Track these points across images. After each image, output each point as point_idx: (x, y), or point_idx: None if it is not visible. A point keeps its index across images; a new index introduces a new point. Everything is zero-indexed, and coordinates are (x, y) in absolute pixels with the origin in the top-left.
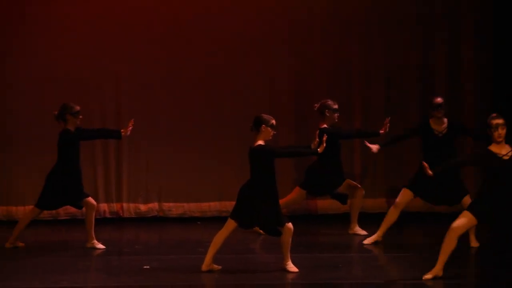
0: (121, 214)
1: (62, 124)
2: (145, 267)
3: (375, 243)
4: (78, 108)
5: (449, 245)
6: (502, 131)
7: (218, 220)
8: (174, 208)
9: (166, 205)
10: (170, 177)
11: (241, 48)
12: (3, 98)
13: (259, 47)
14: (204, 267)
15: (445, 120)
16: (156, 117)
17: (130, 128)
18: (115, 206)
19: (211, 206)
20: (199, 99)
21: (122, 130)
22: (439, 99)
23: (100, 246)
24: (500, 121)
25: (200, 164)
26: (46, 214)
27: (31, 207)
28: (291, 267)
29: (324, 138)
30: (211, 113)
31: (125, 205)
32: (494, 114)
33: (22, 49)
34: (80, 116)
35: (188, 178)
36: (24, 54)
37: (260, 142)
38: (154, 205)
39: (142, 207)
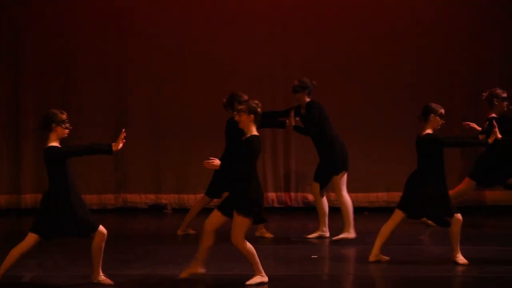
0: (289, 204)
1: (230, 112)
2: (313, 256)
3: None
4: (246, 97)
5: None
6: None
7: (385, 211)
8: None
9: (333, 195)
10: None
11: (414, 41)
12: (177, 91)
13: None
14: (371, 258)
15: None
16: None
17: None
18: (283, 195)
19: (379, 197)
20: (365, 90)
21: (286, 120)
22: None
23: (269, 235)
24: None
25: (368, 154)
26: (216, 202)
27: (201, 195)
28: (461, 259)
29: (496, 129)
30: (377, 103)
31: (293, 194)
32: None
33: (186, 46)
34: None
35: (356, 168)
36: (190, 53)
37: (428, 131)
38: None
39: (310, 197)
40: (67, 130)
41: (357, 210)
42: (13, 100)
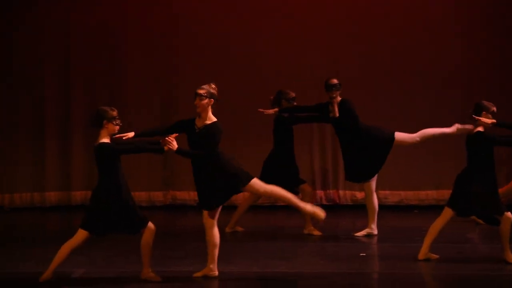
0: (338, 201)
1: (277, 109)
2: (361, 254)
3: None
4: (293, 94)
5: None
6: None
7: (435, 209)
8: (390, 196)
9: (382, 193)
10: (387, 165)
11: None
12: (224, 89)
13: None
14: (420, 256)
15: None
16: (371, 104)
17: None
18: (332, 193)
19: (428, 195)
20: (411, 88)
21: (330, 114)
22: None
23: (317, 232)
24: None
25: (417, 152)
26: (264, 200)
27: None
28: (511, 258)
29: None
30: (426, 101)
31: (341, 192)
32: None
33: (233, 43)
34: (295, 103)
35: (406, 166)
36: (239, 50)
37: (480, 129)
38: None
39: (359, 195)
40: (118, 127)
41: (406, 208)
42: (63, 98)
